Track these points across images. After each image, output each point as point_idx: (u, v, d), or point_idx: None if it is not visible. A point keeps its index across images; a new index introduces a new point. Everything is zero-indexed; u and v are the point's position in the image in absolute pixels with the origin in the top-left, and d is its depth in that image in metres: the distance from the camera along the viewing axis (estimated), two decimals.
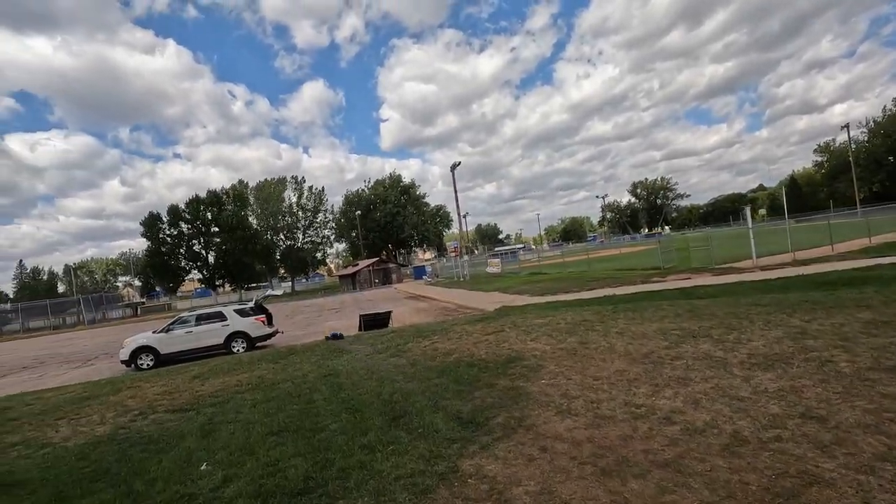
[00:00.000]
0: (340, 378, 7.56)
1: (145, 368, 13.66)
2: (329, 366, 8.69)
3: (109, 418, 6.95)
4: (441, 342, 9.48)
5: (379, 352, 9.48)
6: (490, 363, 7.22)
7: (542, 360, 6.99)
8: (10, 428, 7.14)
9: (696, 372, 5.36)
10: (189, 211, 55.15)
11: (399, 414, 5.38)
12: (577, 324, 9.47)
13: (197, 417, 6.36)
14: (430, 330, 11.28)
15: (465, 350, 8.45)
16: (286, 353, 10.81)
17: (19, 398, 9.86)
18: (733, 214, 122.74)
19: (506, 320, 11.06)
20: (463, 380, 6.48)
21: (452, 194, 38.36)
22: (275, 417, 5.84)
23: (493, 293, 23.96)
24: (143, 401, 7.81)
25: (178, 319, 14.99)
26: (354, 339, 11.79)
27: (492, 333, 9.61)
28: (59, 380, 13.81)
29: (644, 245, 59.83)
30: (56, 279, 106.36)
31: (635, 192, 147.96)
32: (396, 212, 70.00)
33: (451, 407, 5.41)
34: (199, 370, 10.01)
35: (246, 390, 7.63)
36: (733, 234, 40.89)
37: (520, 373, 6.46)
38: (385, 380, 7.05)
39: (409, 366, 7.85)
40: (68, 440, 6.07)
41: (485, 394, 5.76)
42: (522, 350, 7.83)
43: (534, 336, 8.81)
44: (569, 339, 8.10)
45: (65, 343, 27.91)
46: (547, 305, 14.82)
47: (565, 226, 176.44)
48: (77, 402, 8.35)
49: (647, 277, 20.35)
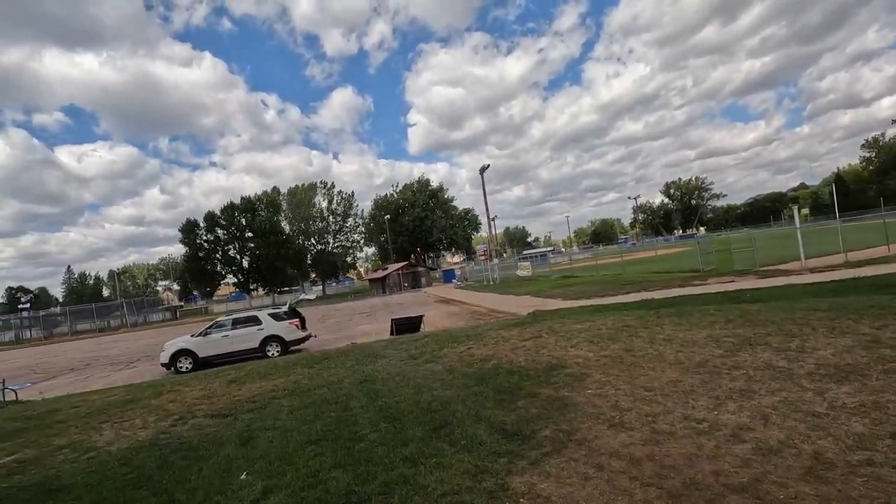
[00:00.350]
0: (376, 385, 7.42)
1: (184, 371, 13.95)
2: (364, 371, 8.59)
3: (151, 422, 7.02)
4: (477, 348, 9.25)
5: (414, 357, 9.32)
6: (530, 371, 6.94)
7: (586, 368, 6.67)
8: (57, 430, 7.32)
9: (759, 384, 4.95)
10: (224, 217, 56.77)
11: (439, 424, 5.18)
12: (619, 329, 9.07)
13: (235, 423, 6.33)
14: (464, 335, 11.06)
15: (503, 356, 8.19)
16: (320, 358, 10.79)
17: (67, 400, 10.17)
18: (774, 214, 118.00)
19: (542, 325, 10.73)
20: (503, 388, 6.23)
21: (480, 197, 38.11)
22: (312, 425, 5.74)
23: (524, 297, 23.58)
24: (182, 405, 7.88)
25: (215, 324, 15.27)
26: (388, 343, 11.68)
27: (529, 339, 9.32)
28: (104, 382, 14.28)
29: (679, 247, 57.99)
30: (101, 284, 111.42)
31: (668, 192, 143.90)
32: (425, 215, 70.17)
33: (494, 417, 5.18)
34: (236, 374, 10.09)
35: (282, 396, 7.59)
36: (776, 234, 39.10)
37: (563, 381, 6.16)
38: (422, 387, 6.87)
39: (445, 372, 7.65)
40: (112, 444, 6.13)
41: (528, 403, 5.50)
42: (563, 357, 7.52)
43: (574, 342, 8.47)
44: (612, 346, 7.74)
45: (109, 346, 29.03)
46: (583, 310, 14.39)
47: (595, 228, 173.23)
48: (120, 406, 8.51)
49: (686, 280, 19.59)
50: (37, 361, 24.75)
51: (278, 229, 57.69)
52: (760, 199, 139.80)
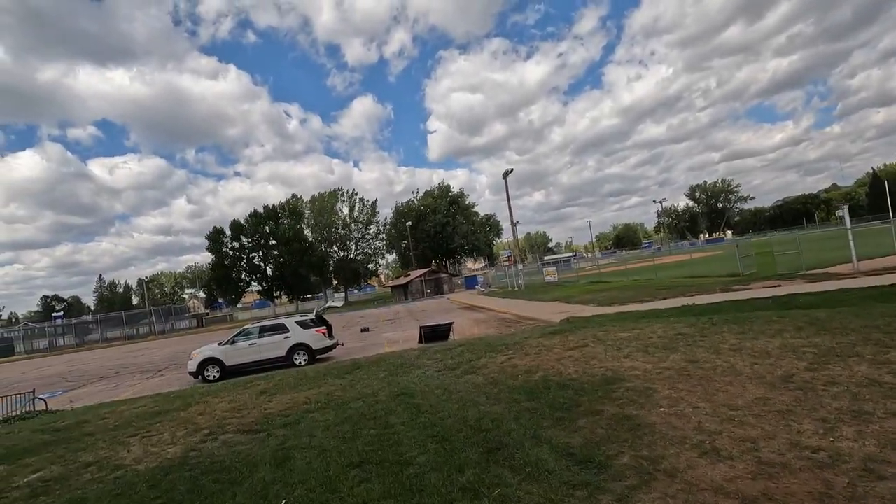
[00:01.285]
0: (415, 398, 6.92)
1: (211, 380, 13.72)
2: (399, 383, 8.10)
3: (180, 437, 6.65)
4: (519, 358, 8.67)
5: (451, 368, 8.79)
6: (585, 384, 6.34)
7: (649, 381, 6.03)
8: (85, 444, 7.01)
9: (871, 403, 4.26)
10: (249, 225, 57.41)
11: (495, 445, 4.63)
12: (673, 338, 8.38)
13: (268, 440, 5.90)
14: (501, 343, 10.49)
15: (549, 368, 7.60)
16: (351, 368, 10.35)
17: (95, 410, 9.96)
18: (806, 217, 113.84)
19: (585, 333, 10.08)
20: (558, 404, 5.65)
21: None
22: (352, 444, 5.26)
23: (553, 303, 22.84)
24: (212, 418, 7.50)
25: (243, 332, 15.03)
26: (420, 352, 11.19)
27: (574, 348, 8.69)
28: (133, 390, 14.15)
29: (709, 251, 56.19)
30: (131, 292, 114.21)
31: (694, 195, 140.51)
32: (446, 222, 69.70)
33: (556, 439, 4.61)
34: (266, 385, 9.72)
35: (316, 409, 7.14)
36: (817, 236, 37.36)
37: (626, 397, 5.55)
38: (467, 402, 6.33)
39: (488, 385, 7.10)
40: (140, 462, 5.76)
41: (591, 423, 4.91)
42: (618, 369, 6.89)
43: (626, 352, 7.82)
44: (671, 357, 7.07)
45: (137, 354, 29.29)
46: (621, 316, 13.66)
47: (618, 232, 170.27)
48: (148, 418, 8.20)
49: (726, 285, 18.60)
50: (69, 369, 25.05)
51: (301, 237, 58.00)
52: (790, 201, 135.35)
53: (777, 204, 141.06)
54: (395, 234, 72.72)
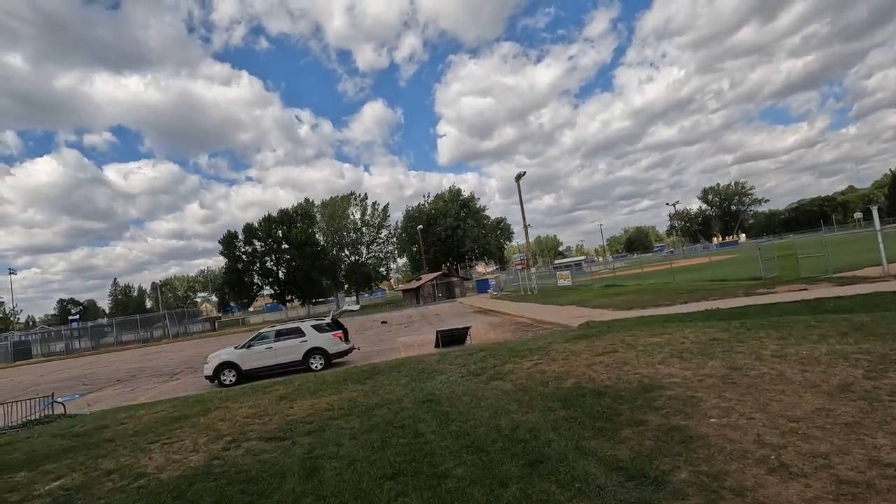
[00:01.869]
0: (442, 405, 6.68)
1: (228, 384, 13.61)
2: (423, 389, 7.86)
3: (202, 445, 6.47)
4: (545, 363, 8.39)
5: (475, 374, 8.53)
6: (621, 392, 6.05)
7: (691, 389, 5.73)
8: (105, 451, 6.87)
9: None
10: (262, 229, 57.69)
11: (536, 457, 4.38)
12: (707, 343, 8.05)
13: (294, 449, 5.69)
14: (524, 348, 10.21)
15: (580, 374, 7.31)
16: (371, 373, 10.14)
17: (114, 415, 9.85)
18: (823, 219, 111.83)
19: (612, 338, 9.77)
20: (596, 413, 5.38)
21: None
22: (382, 454, 5.03)
23: (569, 307, 22.49)
24: (233, 424, 7.32)
25: (259, 335, 14.92)
26: (440, 357, 10.94)
27: (603, 354, 8.39)
28: (150, 394, 14.09)
29: (724, 254, 55.27)
30: (144, 296, 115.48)
31: (706, 198, 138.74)
32: (457, 225, 69.53)
33: (601, 450, 4.34)
34: (285, 390, 9.54)
35: (339, 416, 6.93)
36: (838, 239, 36.54)
37: (670, 406, 5.25)
38: (498, 409, 6.08)
39: (518, 392, 6.83)
40: (162, 471, 5.58)
41: (636, 434, 4.64)
42: (654, 375, 6.58)
43: (660, 358, 7.51)
44: (710, 363, 6.75)
45: (152, 357, 29.41)
46: (642, 320, 13.30)
47: (629, 236, 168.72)
48: (168, 423, 8.06)
49: (749, 289, 18.17)
50: (85, 372, 25.19)
51: (313, 241, 58.12)
52: (806, 204, 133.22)
53: (792, 206, 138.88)
54: (406, 238, 72.68)
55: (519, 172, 40.68)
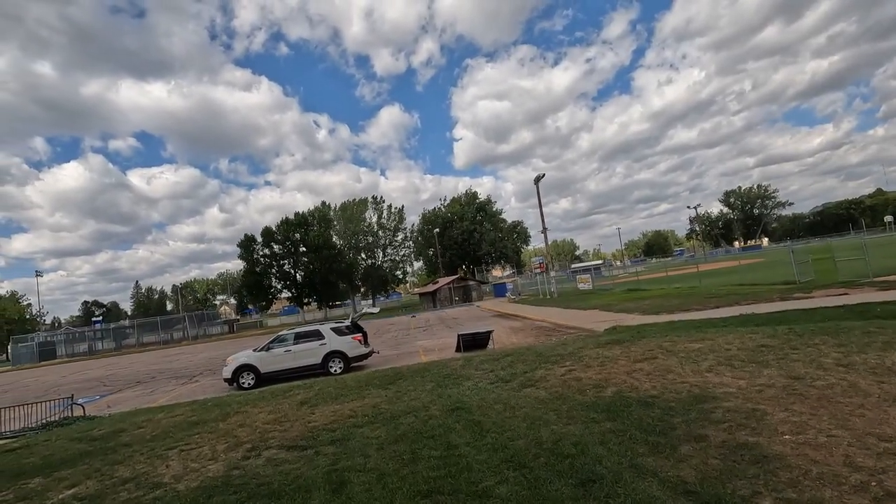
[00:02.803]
0: (474, 414, 6.25)
1: (246, 387, 13.38)
2: (451, 396, 7.44)
3: (220, 452, 6.15)
4: (580, 370, 7.90)
5: (504, 380, 8.08)
6: (671, 403, 5.55)
7: (750, 401, 5.20)
8: (122, 456, 6.60)
9: None
10: (280, 232, 58.00)
11: (587, 476, 3.92)
12: (755, 350, 7.48)
13: (317, 459, 5.32)
14: (553, 353, 9.72)
15: (620, 381, 6.82)
16: (393, 377, 9.76)
17: (132, 418, 9.64)
18: (851, 223, 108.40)
19: (648, 343, 9.22)
20: (647, 426, 4.90)
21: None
22: (413, 468, 4.63)
23: (592, 311, 21.86)
24: (253, 431, 7.00)
25: (277, 338, 14.67)
26: (465, 362, 10.51)
27: (642, 360, 7.87)
28: (169, 396, 13.93)
29: (749, 258, 53.70)
30: (165, 298, 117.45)
31: (728, 201, 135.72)
32: (473, 229, 69.04)
33: (661, 470, 3.87)
34: (305, 395, 9.21)
35: (364, 424, 6.55)
36: (873, 242, 35.10)
37: (730, 419, 4.75)
38: (535, 420, 5.63)
39: (554, 400, 6.37)
40: (179, 480, 5.26)
41: (697, 451, 4.15)
42: (704, 385, 6.06)
43: (706, 366, 6.97)
44: (766, 372, 6.20)
45: (172, 358, 29.54)
46: (672, 325, 12.68)
47: (648, 240, 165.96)
48: (186, 428, 7.78)
49: (785, 293, 17.34)
50: (106, 373, 25.37)
51: (331, 244, 58.20)
52: (832, 207, 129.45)
53: (817, 210, 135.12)
54: (422, 241, 72.43)
55: (538, 175, 40.11)
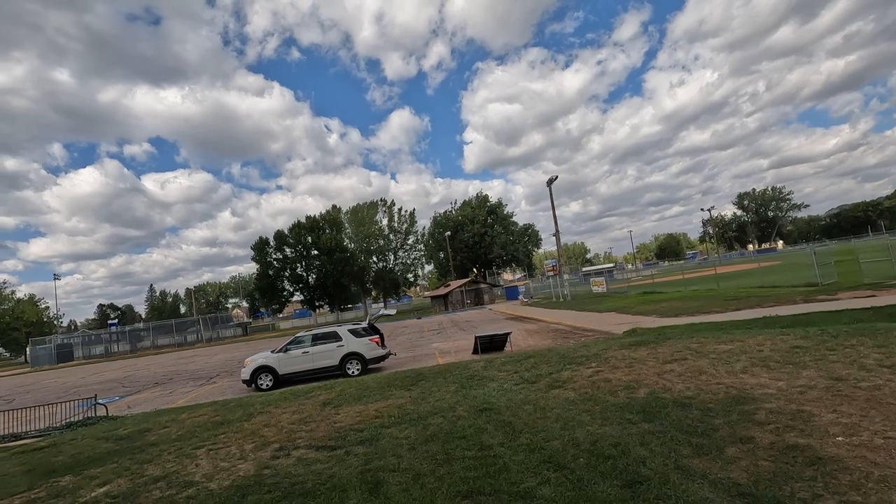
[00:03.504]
0: (503, 415, 6.15)
1: (265, 389, 13.39)
2: (477, 397, 7.35)
3: (249, 452, 6.12)
4: (608, 371, 7.76)
5: (529, 381, 7.97)
6: (708, 404, 5.41)
7: (794, 402, 5.05)
8: (150, 455, 6.61)
9: None
10: (292, 236, 58.40)
11: (632, 478, 3.81)
12: (790, 351, 7.29)
13: (348, 459, 5.26)
14: (577, 355, 9.59)
15: (651, 383, 6.68)
16: (415, 378, 9.69)
17: (156, 418, 9.67)
18: (869, 225, 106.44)
19: (676, 345, 9.06)
20: (687, 427, 4.77)
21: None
22: (449, 469, 4.55)
23: (608, 314, 21.63)
24: (279, 431, 6.97)
25: (295, 339, 14.68)
26: (486, 363, 10.41)
27: (672, 362, 7.72)
28: (188, 397, 13.99)
29: (766, 260, 52.85)
30: (179, 301, 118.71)
31: (742, 203, 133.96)
32: (484, 232, 68.89)
33: (708, 471, 3.75)
34: (327, 395, 9.17)
35: (391, 424, 6.49)
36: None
37: (775, 420, 4.61)
38: (568, 420, 5.52)
39: (585, 401, 6.25)
40: (211, 479, 5.24)
41: (744, 453, 4.02)
42: (741, 386, 5.91)
43: (740, 367, 6.80)
44: (805, 373, 6.03)
45: (188, 361, 29.77)
46: (695, 327, 12.45)
47: (660, 243, 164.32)
48: (212, 428, 7.77)
49: (808, 295, 16.99)
50: (124, 374, 25.62)
51: (342, 247, 58.44)
52: (848, 209, 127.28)
53: (833, 212, 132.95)
54: (433, 244, 72.43)
55: (551, 177, 39.92)
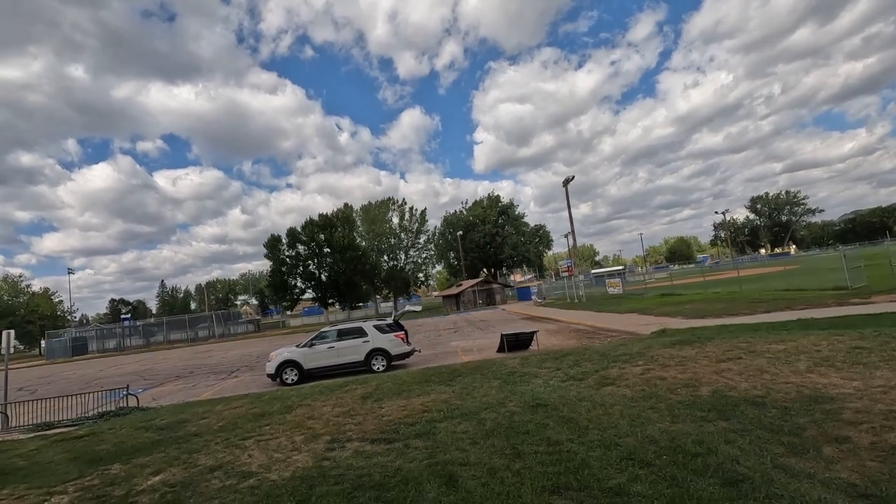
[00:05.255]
0: (560, 411, 5.96)
1: (290, 383, 13.30)
2: (525, 393, 7.16)
3: (301, 444, 5.99)
4: (658, 370, 7.55)
5: (576, 378, 7.78)
6: (783, 403, 5.19)
7: (880, 402, 4.83)
8: (196, 445, 6.49)
9: None
10: (305, 233, 58.53)
11: (731, 476, 3.62)
12: (850, 351, 7.05)
13: (409, 452, 5.10)
14: (619, 353, 9.38)
15: (712, 381, 6.46)
16: (451, 374, 9.53)
17: (190, 409, 9.59)
18: (886, 231, 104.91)
19: (724, 344, 8.82)
20: (770, 426, 4.56)
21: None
22: (523, 464, 4.37)
23: (629, 315, 21.34)
24: (325, 423, 6.83)
25: (320, 335, 14.59)
26: (521, 361, 10.23)
27: (726, 361, 7.49)
28: (213, 390, 13.93)
29: (781, 265, 52.15)
30: (189, 297, 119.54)
31: (755, 207, 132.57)
32: (495, 232, 68.71)
33: (813, 471, 3.55)
34: (364, 390, 9.03)
35: (441, 419, 6.32)
36: None
37: (865, 420, 4.39)
38: (636, 418, 5.32)
39: (646, 399, 6.05)
40: (269, 470, 5.10)
41: (844, 453, 3.82)
42: (812, 385, 5.68)
43: (803, 366, 6.57)
44: (878, 373, 5.79)
45: (204, 355, 29.84)
46: (727, 329, 12.11)
47: (670, 246, 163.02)
48: (253, 420, 7.65)
49: (841, 299, 16.62)
50: (142, 368, 25.72)
51: (355, 245, 58.47)
52: (864, 214, 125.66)
53: (847, 217, 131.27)
54: (443, 244, 72.30)
55: (567, 177, 39.70)
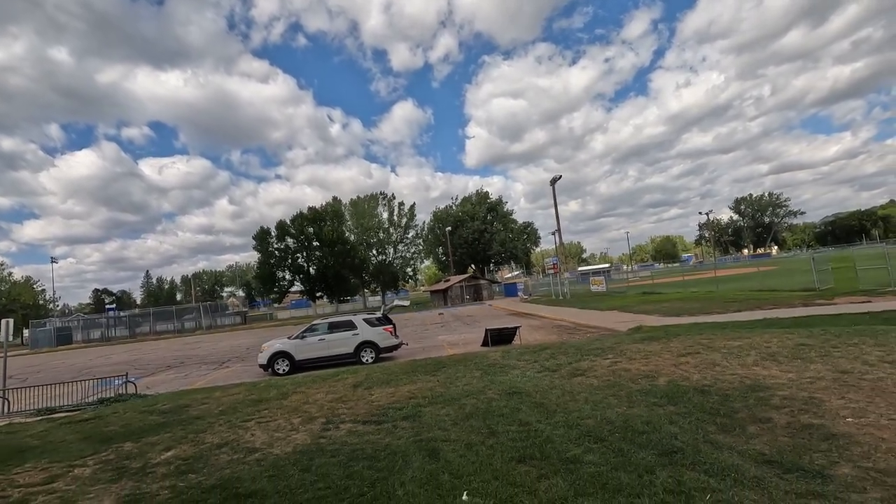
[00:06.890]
0: (533, 397, 6.66)
1: (281, 373, 13.83)
2: (503, 382, 7.86)
3: (298, 425, 6.60)
4: (625, 362, 8.30)
5: (550, 370, 8.49)
6: (726, 391, 5.94)
7: (805, 390, 5.59)
8: (201, 427, 7.07)
9: None
10: (294, 226, 58.68)
11: (667, 448, 4.33)
12: (796, 348, 7.85)
13: (397, 431, 5.76)
14: (593, 348, 10.13)
15: (669, 372, 7.21)
16: (436, 366, 10.19)
17: (188, 396, 10.12)
18: (863, 234, 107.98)
19: (687, 340, 9.61)
20: (709, 409, 5.29)
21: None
22: (497, 440, 5.04)
23: (610, 312, 22.23)
24: (320, 408, 7.45)
25: (311, 327, 15.15)
26: (503, 354, 10.93)
27: (686, 355, 8.26)
28: (206, 380, 14.42)
29: (763, 265, 53.77)
30: (175, 288, 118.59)
31: (738, 208, 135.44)
32: (484, 228, 69.47)
33: (734, 444, 4.27)
34: (355, 379, 9.65)
35: (427, 404, 6.98)
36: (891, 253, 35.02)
37: (789, 405, 5.14)
38: (598, 403, 6.03)
39: (609, 387, 6.77)
40: (271, 446, 5.71)
41: (764, 430, 4.55)
42: (754, 377, 6.45)
43: (751, 360, 7.35)
44: (812, 367, 6.58)
45: (193, 346, 30.14)
46: (698, 326, 13.01)
47: (656, 245, 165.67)
48: (252, 405, 8.24)
49: (806, 299, 17.66)
50: (131, 358, 25.98)
51: (343, 239, 58.79)
52: (844, 217, 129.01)
53: (828, 220, 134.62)
54: (432, 239, 72.91)
55: (554, 176, 40.52)
